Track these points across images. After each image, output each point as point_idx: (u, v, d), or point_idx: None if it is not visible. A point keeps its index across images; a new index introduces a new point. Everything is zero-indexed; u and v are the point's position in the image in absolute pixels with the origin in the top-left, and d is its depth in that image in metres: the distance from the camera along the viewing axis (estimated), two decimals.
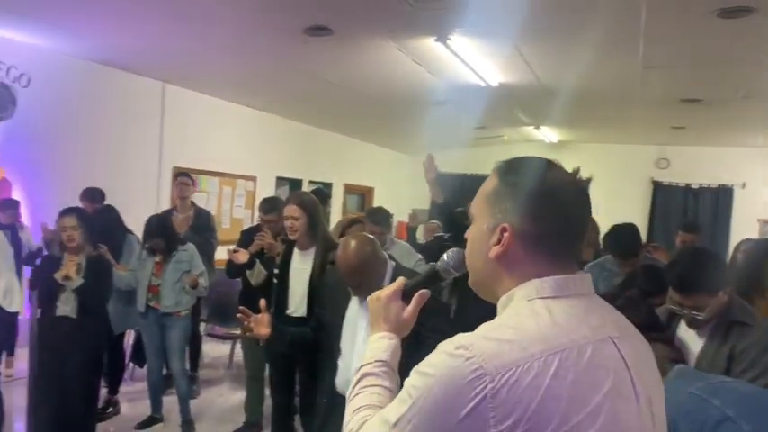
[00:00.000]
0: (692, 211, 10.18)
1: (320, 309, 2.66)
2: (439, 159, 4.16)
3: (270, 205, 4.12)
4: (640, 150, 10.48)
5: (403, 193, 11.88)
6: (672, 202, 10.38)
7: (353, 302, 2.36)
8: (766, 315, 2.32)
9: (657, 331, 2.08)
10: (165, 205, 6.93)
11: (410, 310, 1.24)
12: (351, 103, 7.64)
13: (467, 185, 11.18)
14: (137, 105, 6.64)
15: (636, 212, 10.20)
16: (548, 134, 9.98)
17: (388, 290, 1.26)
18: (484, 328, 0.91)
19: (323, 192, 5.36)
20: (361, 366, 1.17)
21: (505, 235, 0.96)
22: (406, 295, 1.25)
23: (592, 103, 7.18)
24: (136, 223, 4.84)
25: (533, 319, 0.90)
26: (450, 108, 7.53)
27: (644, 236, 10.16)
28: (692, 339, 2.14)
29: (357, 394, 1.12)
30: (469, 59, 5.37)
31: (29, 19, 4.79)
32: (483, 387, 0.82)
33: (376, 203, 11.12)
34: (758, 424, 1.39)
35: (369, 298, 1.29)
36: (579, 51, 5.03)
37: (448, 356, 0.87)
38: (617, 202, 9.75)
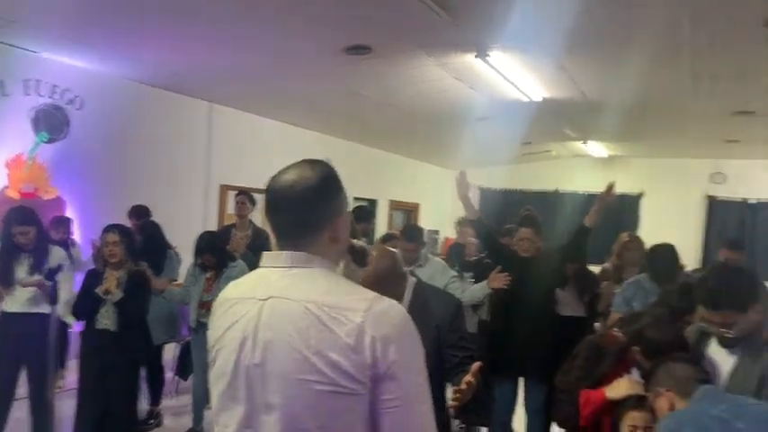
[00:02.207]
0: (749, 227, 9.77)
1: None
2: (476, 175, 4.12)
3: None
4: (694, 165, 10.10)
5: (448, 209, 11.83)
6: (728, 218, 9.96)
7: None
8: None
9: (683, 351, 2.00)
10: (212, 221, 7.09)
11: None
12: (393, 119, 7.68)
13: (512, 201, 11.00)
14: (184, 125, 6.85)
15: (690, 228, 9.87)
16: (596, 149, 9.80)
17: None
18: None
19: (365, 209, 5.41)
20: None
21: None
22: None
23: (641, 116, 7.00)
24: (183, 239, 4.96)
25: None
26: (494, 123, 7.46)
27: (699, 252, 9.85)
28: (723, 359, 2.05)
29: None
30: (511, 75, 5.33)
31: (82, 45, 5.03)
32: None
33: (422, 220, 11.09)
34: None
35: None
36: (625, 65, 4.93)
37: None
38: (670, 218, 9.46)
